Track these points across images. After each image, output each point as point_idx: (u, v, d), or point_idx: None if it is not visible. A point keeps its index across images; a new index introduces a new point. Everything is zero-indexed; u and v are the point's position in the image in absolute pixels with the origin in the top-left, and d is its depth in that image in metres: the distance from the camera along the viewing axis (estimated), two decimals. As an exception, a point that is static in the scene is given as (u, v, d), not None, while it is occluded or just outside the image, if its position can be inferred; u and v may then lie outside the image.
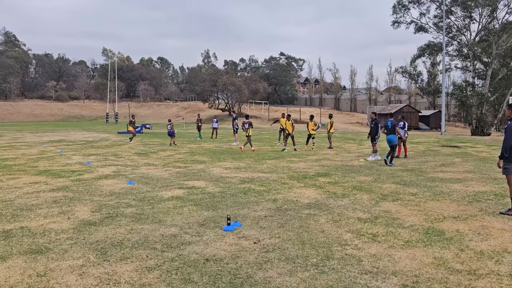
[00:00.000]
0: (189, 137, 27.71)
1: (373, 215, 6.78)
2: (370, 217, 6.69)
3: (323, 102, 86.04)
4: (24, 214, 6.80)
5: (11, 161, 14.27)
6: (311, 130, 18.75)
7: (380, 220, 6.50)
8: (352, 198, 8.12)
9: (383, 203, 7.72)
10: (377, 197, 8.20)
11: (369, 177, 10.74)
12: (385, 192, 8.76)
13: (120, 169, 12.24)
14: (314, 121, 18.99)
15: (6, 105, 78.60)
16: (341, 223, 6.33)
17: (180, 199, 8.00)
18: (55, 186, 9.40)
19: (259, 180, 10.32)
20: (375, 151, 14.76)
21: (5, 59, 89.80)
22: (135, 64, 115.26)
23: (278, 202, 7.79)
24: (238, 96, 60.86)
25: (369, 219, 6.56)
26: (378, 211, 7.09)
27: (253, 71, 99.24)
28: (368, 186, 9.41)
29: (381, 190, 8.99)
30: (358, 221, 6.45)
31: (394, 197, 8.20)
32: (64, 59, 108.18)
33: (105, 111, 67.63)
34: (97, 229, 5.97)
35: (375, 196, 8.34)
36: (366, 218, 6.62)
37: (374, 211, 7.06)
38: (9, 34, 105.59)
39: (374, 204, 7.59)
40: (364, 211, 7.05)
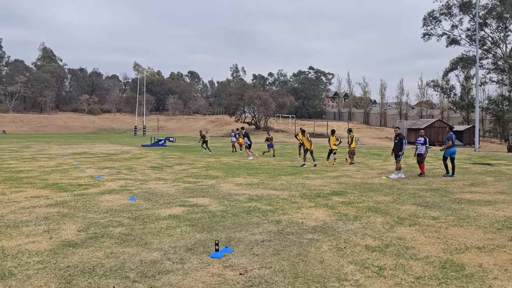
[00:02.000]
0: (211, 150, 27.34)
1: (384, 243, 6.01)
2: (380, 244, 5.92)
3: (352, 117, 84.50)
4: (7, 232, 6.42)
5: (25, 173, 14.20)
6: (332, 145, 17.99)
7: (391, 249, 5.72)
8: (364, 221, 7.35)
9: (398, 228, 6.91)
10: (392, 221, 7.39)
11: (388, 197, 9.90)
12: (402, 214, 7.93)
13: (128, 184, 11.87)
14: (335, 136, 18.23)
15: (41, 117, 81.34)
16: (346, 251, 5.60)
17: (176, 218, 7.46)
18: (54, 201, 9.06)
19: (268, 198, 9.68)
20: (398, 168, 13.83)
21: (42, 73, 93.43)
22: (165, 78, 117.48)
23: (281, 224, 7.12)
24: (265, 110, 60.50)
25: (379, 247, 5.80)
26: (391, 237, 6.30)
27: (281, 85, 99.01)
28: (384, 208, 8.59)
29: (398, 212, 8.16)
30: (366, 249, 5.69)
31: (412, 221, 7.37)
32: (97, 73, 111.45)
33: (134, 124, 68.72)
34: (74, 251, 5.49)
35: (390, 219, 7.53)
36: (375, 246, 5.86)
37: (386, 238, 6.27)
38: (47, 50, 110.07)
39: (387, 229, 6.80)
40: (375, 238, 6.28)
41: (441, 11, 46.31)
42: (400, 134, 14.15)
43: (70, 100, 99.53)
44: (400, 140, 13.94)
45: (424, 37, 48.29)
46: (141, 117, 70.04)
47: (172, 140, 35.21)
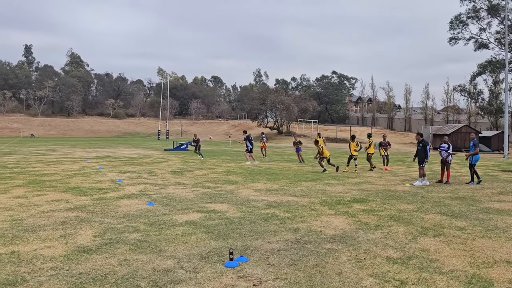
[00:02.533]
0: (231, 155, 27.31)
1: (407, 254, 5.73)
2: (402, 256, 5.65)
3: (375, 121, 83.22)
4: (24, 236, 6.45)
5: (48, 176, 14.43)
6: (353, 151, 17.64)
7: (414, 261, 5.45)
8: (386, 231, 7.07)
9: (421, 238, 6.61)
10: (415, 231, 7.09)
11: (411, 205, 9.56)
12: (426, 224, 7.60)
13: (148, 188, 11.89)
14: (356, 141, 17.87)
15: (68, 121, 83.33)
16: (365, 263, 5.37)
17: (192, 225, 7.36)
18: (74, 205, 9.12)
19: (287, 204, 9.48)
20: (423, 175, 13.41)
21: (70, 78, 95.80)
22: (189, 83, 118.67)
23: (299, 232, 6.92)
24: (287, 115, 60.20)
25: (401, 259, 5.53)
26: (414, 249, 6.02)
27: (304, 90, 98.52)
28: (408, 216, 8.27)
29: (422, 221, 7.83)
30: (387, 261, 5.44)
31: (436, 232, 7.05)
32: (122, 78, 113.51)
33: (158, 128, 69.56)
34: (88, 258, 5.44)
35: (413, 229, 7.23)
36: (397, 257, 5.60)
37: (408, 249, 6.00)
38: (74, 55, 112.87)
39: (410, 240, 6.51)
40: (397, 249, 6.02)
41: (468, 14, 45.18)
42: (423, 141, 13.76)
43: (96, 104, 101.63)
44: (424, 146, 13.56)
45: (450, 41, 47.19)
46: (165, 121, 70.84)
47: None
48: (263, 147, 27.10)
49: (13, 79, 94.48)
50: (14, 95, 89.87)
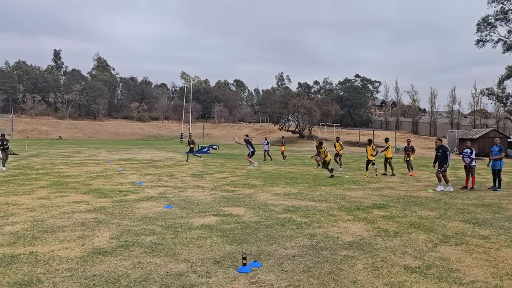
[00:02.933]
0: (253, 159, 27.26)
1: (426, 263, 5.56)
2: (421, 265, 5.48)
3: (399, 125, 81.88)
4: (44, 237, 6.57)
5: (72, 178, 14.73)
6: (369, 155, 17.32)
7: (433, 270, 5.28)
8: (406, 238, 6.88)
9: (442, 247, 6.40)
10: (436, 239, 6.87)
11: (433, 212, 9.30)
12: (448, 232, 7.37)
13: (167, 191, 11.97)
14: (372, 146, 17.51)
15: (94, 124, 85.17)
16: (382, 271, 5.22)
17: (208, 228, 7.35)
18: (94, 207, 9.26)
19: (305, 209, 9.37)
20: (446, 180, 13.06)
21: (96, 82, 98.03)
22: (212, 86, 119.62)
23: (316, 238, 6.81)
24: (309, 118, 59.87)
25: (419, 268, 5.36)
26: (434, 257, 5.83)
27: (326, 93, 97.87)
28: (429, 224, 8.04)
29: (444, 229, 7.60)
30: (405, 270, 5.28)
31: (459, 240, 6.82)
32: (147, 82, 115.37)
33: (180, 131, 70.30)
34: (103, 260, 5.49)
35: (434, 237, 7.01)
36: (415, 266, 5.43)
37: (428, 258, 5.81)
38: (101, 60, 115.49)
39: (430, 248, 6.32)
40: (416, 257, 5.84)
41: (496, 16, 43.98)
42: (442, 146, 13.43)
43: (121, 107, 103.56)
44: (444, 152, 13.24)
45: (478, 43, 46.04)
46: (188, 124, 71.54)
47: (216, 148, 35.59)
48: (282, 150, 27.14)
49: (43, 83, 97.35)
50: (43, 98, 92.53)
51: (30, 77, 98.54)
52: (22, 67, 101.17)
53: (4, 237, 6.51)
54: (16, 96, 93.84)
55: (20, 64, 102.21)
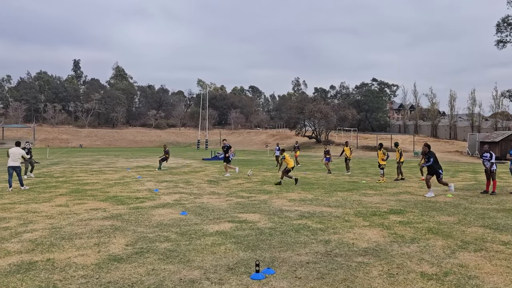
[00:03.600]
0: (268, 165, 27.28)
1: (443, 270, 5.44)
2: (438, 272, 5.37)
3: (418, 129, 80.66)
4: (61, 244, 6.67)
5: (90, 185, 14.96)
6: (380, 160, 17.08)
7: (451, 277, 5.16)
8: (423, 244, 6.76)
9: (461, 253, 6.26)
10: (455, 245, 6.73)
11: (452, 217, 9.11)
12: (467, 238, 7.20)
13: (183, 198, 12.04)
14: (383, 150, 17.25)
15: (112, 132, 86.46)
16: (398, 278, 5.13)
17: (223, 235, 7.35)
18: (110, 214, 9.37)
19: (320, 215, 9.30)
20: (429, 186, 12.69)
21: (114, 91, 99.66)
22: (228, 93, 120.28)
23: (330, 244, 6.75)
24: (326, 123, 59.58)
25: (436, 275, 5.25)
26: (452, 264, 5.71)
27: (343, 98, 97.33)
28: (447, 229, 7.88)
29: (463, 235, 7.43)
30: (421, 277, 5.18)
31: (478, 246, 6.65)
32: (164, 89, 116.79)
33: (197, 138, 70.78)
34: (118, 266, 5.54)
35: (452, 243, 6.86)
36: (432, 273, 5.32)
37: (446, 264, 5.69)
38: (119, 69, 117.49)
39: (448, 254, 6.18)
40: (433, 264, 5.72)
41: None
42: (430, 152, 12.76)
43: (139, 115, 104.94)
44: (429, 158, 12.71)
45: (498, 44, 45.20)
46: (204, 131, 72.00)
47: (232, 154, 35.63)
48: (296, 156, 27.16)
49: (63, 93, 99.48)
50: (63, 107, 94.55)
51: (51, 87, 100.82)
52: (43, 77, 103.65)
53: (23, 244, 6.64)
54: (37, 105, 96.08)
55: (42, 74, 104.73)
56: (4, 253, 6.13)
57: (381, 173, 16.95)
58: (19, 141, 15.37)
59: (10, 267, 5.50)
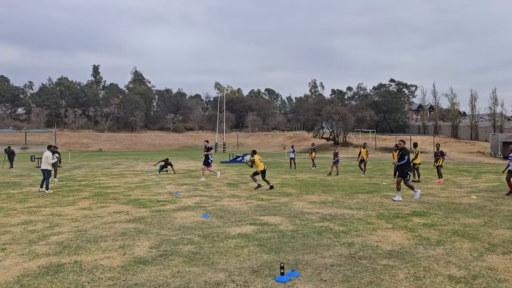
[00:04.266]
0: (286, 167, 27.21)
1: (471, 273, 5.34)
2: (466, 275, 5.27)
3: (438, 130, 79.39)
4: (87, 247, 6.79)
5: (112, 189, 15.18)
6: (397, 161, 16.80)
7: (480, 281, 5.06)
8: (449, 247, 6.64)
9: (489, 256, 6.13)
10: (482, 248, 6.59)
11: (478, 219, 8.93)
12: (495, 240, 7.05)
13: (203, 200, 12.12)
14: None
15: (131, 136, 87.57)
16: (425, 281, 5.06)
17: (245, 238, 7.37)
18: (133, 217, 9.49)
19: (342, 218, 9.23)
20: (398, 188, 12.09)
21: (133, 95, 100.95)
22: (245, 96, 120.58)
23: (354, 247, 6.69)
24: (343, 125, 59.19)
25: (465, 278, 5.16)
26: (480, 267, 5.60)
27: (361, 99, 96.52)
28: (473, 232, 7.73)
29: (490, 237, 7.28)
30: (449, 280, 5.10)
31: (506, 249, 6.51)
32: (181, 93, 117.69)
33: (215, 141, 71.14)
34: (144, 269, 5.61)
35: (480, 245, 6.73)
36: (460, 276, 5.23)
37: (473, 267, 5.58)
38: (137, 73, 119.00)
39: (476, 257, 6.06)
40: (460, 266, 5.62)
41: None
42: (404, 149, 12.08)
43: (157, 119, 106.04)
44: (403, 155, 11.90)
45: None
46: (222, 134, 72.34)
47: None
48: (312, 158, 27.10)
49: (83, 98, 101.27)
50: (83, 112, 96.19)
51: (71, 92, 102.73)
52: (64, 83, 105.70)
53: (50, 247, 6.78)
54: (59, 111, 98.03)
55: (62, 80, 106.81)
56: (33, 256, 6.27)
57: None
58: (51, 144, 15.91)
59: (39, 269, 5.62)
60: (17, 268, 5.65)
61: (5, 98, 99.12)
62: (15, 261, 5.98)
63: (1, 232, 7.90)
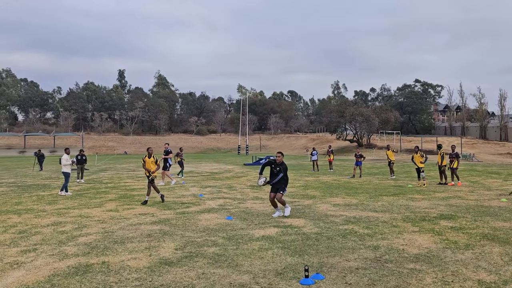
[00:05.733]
0: (309, 169, 27.07)
1: (502, 278, 5.19)
2: (496, 280, 5.13)
3: (465, 131, 77.48)
4: (114, 248, 6.93)
5: (137, 191, 15.44)
6: (419, 163, 16.49)
7: (511, 286, 4.91)
8: (478, 251, 6.48)
9: (520, 260, 5.95)
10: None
11: (508, 223, 8.67)
12: (526, 245, 6.83)
13: (227, 203, 12.18)
14: (420, 153, 16.73)
15: (155, 139, 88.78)
16: (453, 286, 4.95)
17: (269, 240, 7.37)
18: (158, 219, 9.63)
19: (367, 220, 9.13)
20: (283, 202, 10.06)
21: (157, 99, 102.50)
22: (267, 98, 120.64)
23: (380, 250, 6.60)
24: (367, 127, 58.50)
25: (495, 283, 5.02)
26: (511, 272, 5.43)
27: (385, 100, 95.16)
28: (504, 236, 7.51)
29: (521, 241, 7.05)
30: (478, 285, 4.97)
31: (539, 253, 6.30)
32: (204, 96, 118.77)
33: (238, 144, 71.43)
34: (169, 270, 5.69)
35: (510, 250, 6.53)
36: (490, 281, 5.09)
37: (504, 272, 5.43)
38: (161, 77, 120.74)
39: (507, 262, 5.89)
40: (490, 271, 5.47)
41: None
42: (283, 164, 10.26)
43: (181, 122, 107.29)
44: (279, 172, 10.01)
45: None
46: (244, 136, 72.55)
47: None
48: (330, 160, 26.83)
49: (109, 102, 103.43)
50: (109, 116, 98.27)
51: (97, 96, 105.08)
52: (90, 87, 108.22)
53: (79, 248, 6.96)
54: (85, 115, 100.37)
55: (89, 85, 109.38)
56: (62, 256, 6.45)
57: (422, 177, 16.38)
58: (67, 147, 16.44)
59: (69, 269, 5.77)
60: (47, 268, 5.82)
61: (35, 103, 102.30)
62: (46, 261, 6.16)
63: (32, 233, 8.16)
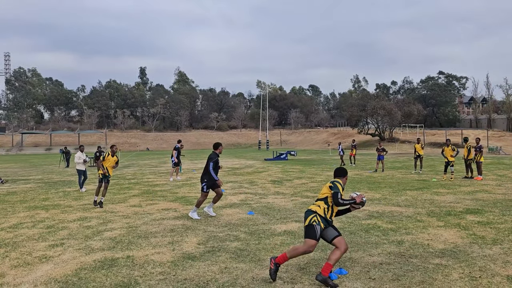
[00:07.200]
0: (331, 164, 26.88)
1: (533, 274, 5.04)
2: (527, 276, 4.98)
3: (492, 123, 75.44)
4: (138, 242, 7.04)
5: (160, 187, 15.64)
6: (449, 157, 16.14)
7: (542, 282, 4.77)
8: (507, 246, 6.31)
9: (552, 256, 5.76)
10: (544, 247, 6.21)
11: (538, 218, 8.41)
12: (558, 240, 6.61)
13: (248, 198, 12.21)
14: (451, 146, 16.37)
15: (176, 135, 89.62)
16: (481, 281, 4.83)
17: (291, 235, 7.36)
18: (181, 214, 9.73)
19: (390, 215, 9.00)
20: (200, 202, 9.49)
21: (178, 95, 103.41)
22: (287, 93, 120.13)
23: (404, 245, 6.50)
24: (389, 120, 57.60)
25: (525, 279, 4.88)
26: (542, 268, 5.27)
27: (407, 93, 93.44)
28: (533, 230, 7.29)
29: (552, 236, 6.83)
30: (507, 280, 4.84)
31: None
32: (224, 92, 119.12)
33: (258, 139, 71.50)
34: (192, 264, 5.74)
35: (541, 245, 6.34)
36: (520, 277, 4.95)
37: (535, 268, 5.27)
38: (182, 74, 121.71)
39: (537, 257, 5.72)
40: (520, 267, 5.32)
41: None
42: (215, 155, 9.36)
43: (202, 118, 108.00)
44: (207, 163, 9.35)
45: None
46: (265, 131, 72.52)
47: (294, 154, 35.57)
48: (352, 155, 26.52)
49: (131, 99, 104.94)
50: (132, 113, 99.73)
51: (120, 94, 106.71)
52: (113, 85, 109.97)
53: (105, 242, 7.09)
54: (108, 112, 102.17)
55: (111, 83, 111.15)
56: (88, 250, 6.59)
57: (451, 170, 16.07)
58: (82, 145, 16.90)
59: (95, 263, 5.89)
60: (74, 262, 5.95)
61: (59, 101, 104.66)
62: (73, 255, 6.30)
63: (60, 228, 8.36)
